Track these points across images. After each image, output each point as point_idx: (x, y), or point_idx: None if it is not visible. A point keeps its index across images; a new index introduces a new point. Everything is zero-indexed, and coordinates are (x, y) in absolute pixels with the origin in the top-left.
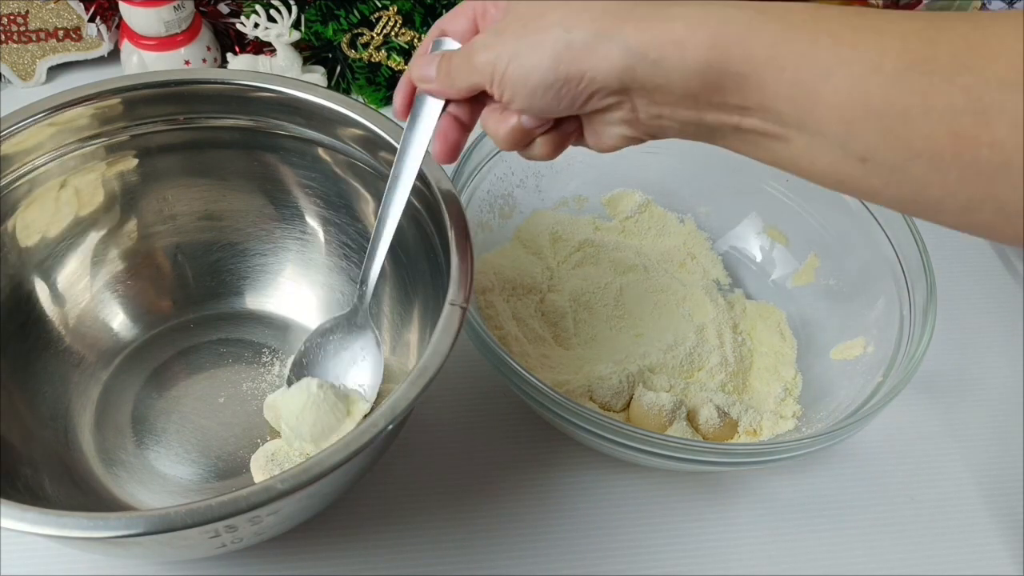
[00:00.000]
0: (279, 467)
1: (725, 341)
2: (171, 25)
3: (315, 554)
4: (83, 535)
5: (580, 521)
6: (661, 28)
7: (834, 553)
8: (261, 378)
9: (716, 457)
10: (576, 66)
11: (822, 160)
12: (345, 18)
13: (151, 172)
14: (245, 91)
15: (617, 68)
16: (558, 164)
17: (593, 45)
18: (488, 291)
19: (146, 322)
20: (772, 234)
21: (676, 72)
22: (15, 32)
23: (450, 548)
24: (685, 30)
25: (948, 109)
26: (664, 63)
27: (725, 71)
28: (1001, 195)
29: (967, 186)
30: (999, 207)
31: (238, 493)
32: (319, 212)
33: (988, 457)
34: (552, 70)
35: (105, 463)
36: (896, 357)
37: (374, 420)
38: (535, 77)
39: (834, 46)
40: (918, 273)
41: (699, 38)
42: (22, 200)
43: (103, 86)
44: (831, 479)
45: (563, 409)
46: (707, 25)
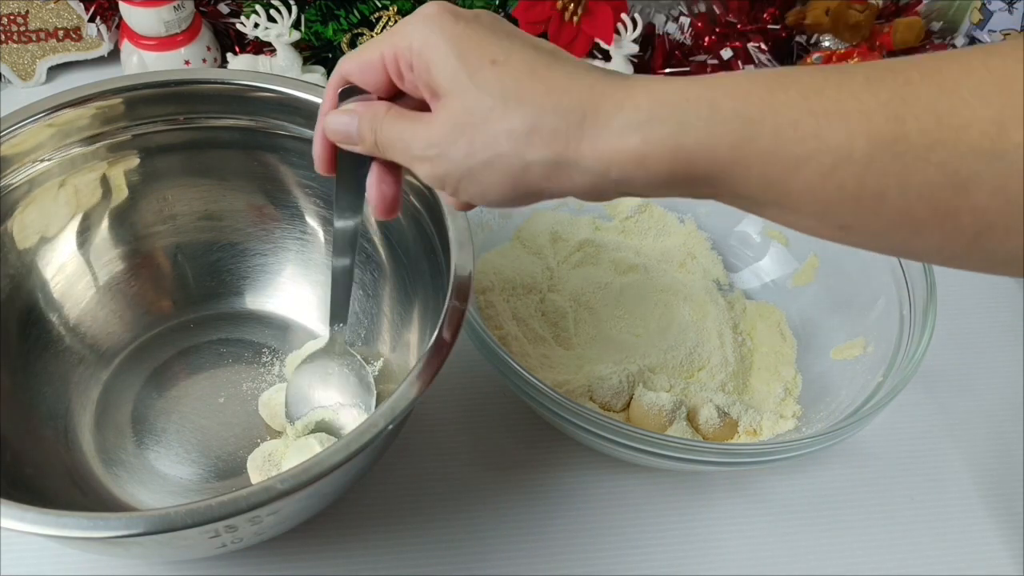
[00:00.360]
0: (276, 467)
1: (725, 341)
2: (171, 25)
3: (315, 554)
4: (83, 535)
5: (580, 521)
6: (618, 145)
7: (834, 553)
8: (261, 378)
9: (716, 457)
10: (537, 186)
11: (801, 225)
12: (345, 18)
13: (151, 172)
14: (245, 91)
15: (581, 188)
16: None
17: (552, 171)
18: (488, 291)
19: (146, 322)
20: (772, 234)
21: (640, 182)
22: (15, 32)
23: (450, 548)
24: (643, 145)
25: (925, 185)
26: (628, 179)
27: (691, 175)
28: (988, 248)
29: (951, 244)
30: (986, 256)
31: (238, 493)
32: (319, 212)
33: (988, 457)
34: (512, 189)
35: (105, 463)
36: (896, 357)
37: (374, 420)
38: (492, 194)
39: (799, 140)
40: (918, 273)
41: (659, 153)
42: (22, 200)
43: (103, 86)
44: (831, 479)
45: (563, 409)
46: (665, 137)
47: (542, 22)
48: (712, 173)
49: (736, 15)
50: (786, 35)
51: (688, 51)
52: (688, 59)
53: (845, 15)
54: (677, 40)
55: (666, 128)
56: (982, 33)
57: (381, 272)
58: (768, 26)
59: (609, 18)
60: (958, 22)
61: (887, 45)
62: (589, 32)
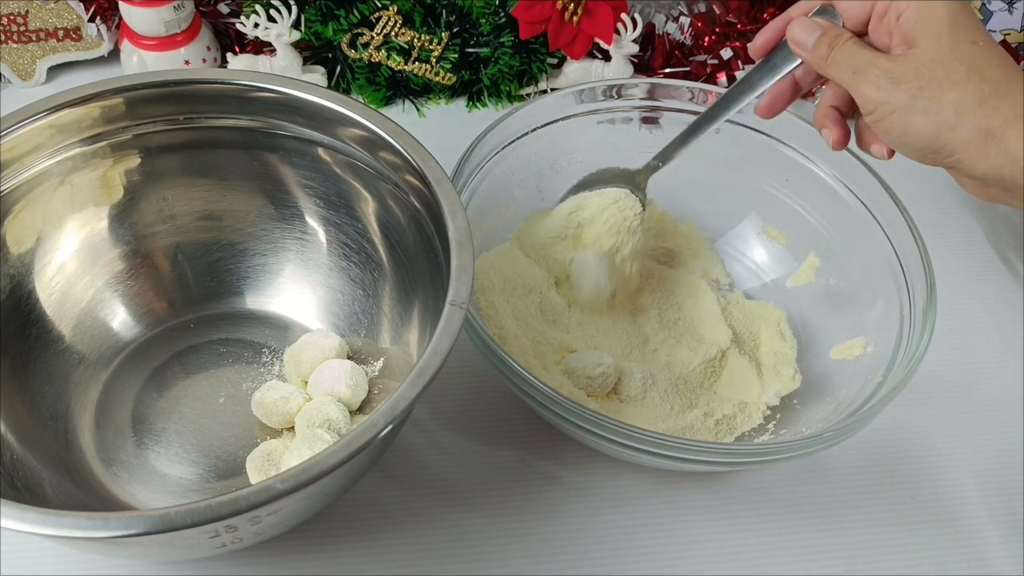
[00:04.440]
0: (275, 467)
1: (724, 340)
2: (171, 25)
3: (315, 554)
4: (83, 535)
5: (580, 521)
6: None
7: (834, 553)
8: (261, 378)
9: (716, 457)
10: (951, 147)
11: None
12: (345, 18)
13: (151, 172)
14: (245, 91)
15: (988, 165)
16: (558, 164)
17: (975, 139)
18: (488, 291)
19: (146, 322)
20: (772, 234)
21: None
22: (15, 32)
23: (450, 548)
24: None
25: None
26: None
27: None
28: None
29: None
30: None
31: (238, 493)
32: (319, 212)
33: (988, 457)
34: (930, 139)
35: (105, 463)
36: (896, 357)
37: (374, 420)
38: (910, 136)
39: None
40: (918, 273)
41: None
42: (21, 200)
43: (103, 86)
44: (831, 479)
45: (563, 409)
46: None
47: (542, 22)
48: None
49: (736, 15)
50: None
51: (688, 51)
52: (688, 59)
53: None
54: (677, 40)
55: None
56: None
57: (381, 272)
58: None
59: (609, 18)
60: None
61: None
62: (589, 32)
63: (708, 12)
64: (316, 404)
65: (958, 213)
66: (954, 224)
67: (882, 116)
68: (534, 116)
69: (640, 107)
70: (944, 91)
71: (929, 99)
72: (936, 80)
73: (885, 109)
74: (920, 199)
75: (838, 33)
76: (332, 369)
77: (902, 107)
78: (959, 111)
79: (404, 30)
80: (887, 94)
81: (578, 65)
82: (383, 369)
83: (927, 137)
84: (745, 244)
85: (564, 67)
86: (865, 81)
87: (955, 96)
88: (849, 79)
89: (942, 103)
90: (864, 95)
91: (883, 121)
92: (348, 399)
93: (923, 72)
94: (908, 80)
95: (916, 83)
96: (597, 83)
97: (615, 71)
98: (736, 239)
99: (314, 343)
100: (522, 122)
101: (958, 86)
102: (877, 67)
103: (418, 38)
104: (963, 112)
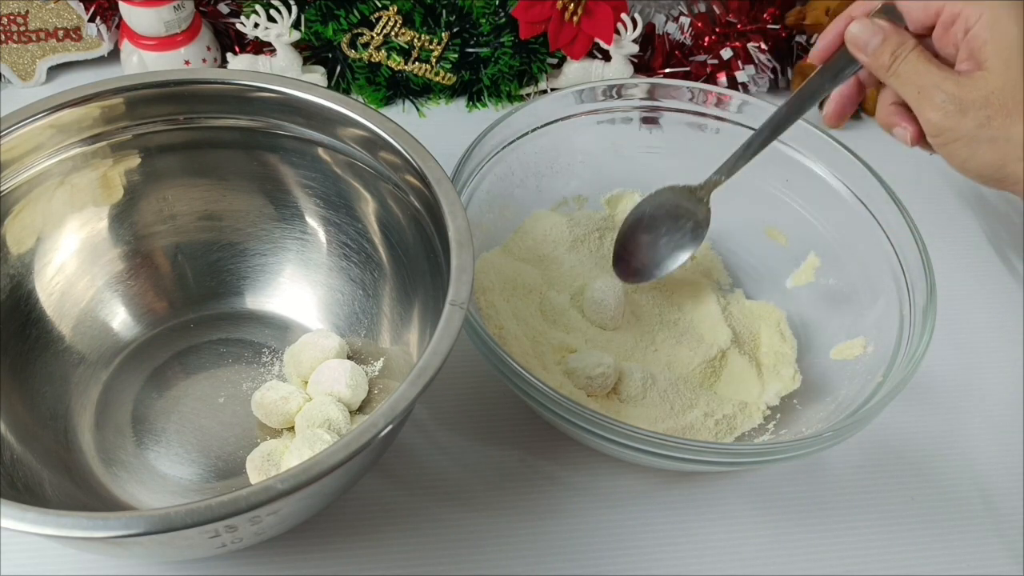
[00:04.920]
0: (275, 467)
1: (723, 340)
2: (171, 25)
3: (315, 554)
4: (83, 535)
5: (580, 521)
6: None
7: (834, 553)
8: (261, 378)
9: (716, 457)
10: (1015, 176)
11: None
12: (345, 18)
13: (151, 172)
14: (245, 91)
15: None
16: (558, 164)
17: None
18: (488, 291)
19: (146, 322)
20: (772, 234)
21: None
22: (15, 32)
23: (449, 548)
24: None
25: None
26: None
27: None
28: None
29: None
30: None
31: (238, 493)
32: (319, 212)
33: (988, 457)
34: (996, 169)
35: (105, 463)
36: (896, 357)
37: (374, 420)
38: (975, 163)
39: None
40: (918, 273)
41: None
42: (21, 200)
43: (103, 86)
44: (831, 479)
45: (563, 409)
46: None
47: (542, 22)
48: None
49: (736, 15)
50: (786, 35)
51: (688, 51)
52: (688, 59)
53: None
54: (677, 40)
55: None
56: None
57: (381, 272)
58: (768, 26)
59: (609, 18)
60: None
61: None
62: (589, 32)
63: (708, 12)
64: (316, 404)
65: (958, 213)
66: (954, 224)
67: (947, 141)
68: (534, 116)
69: (640, 107)
70: (1013, 122)
71: (997, 129)
72: (1005, 110)
73: (950, 135)
74: (920, 199)
75: (902, 40)
76: (332, 369)
77: (968, 136)
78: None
79: (404, 30)
80: (953, 121)
81: (578, 65)
82: (383, 369)
83: (993, 166)
84: (745, 244)
85: (564, 67)
86: (931, 105)
87: (1021, 130)
88: (914, 98)
89: (1010, 134)
90: (929, 120)
91: (948, 146)
92: (348, 399)
93: (992, 101)
94: (976, 108)
95: (984, 112)
96: (597, 83)
97: (615, 71)
98: (736, 239)
99: (314, 343)
100: (522, 122)
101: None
102: (944, 91)
103: (418, 38)
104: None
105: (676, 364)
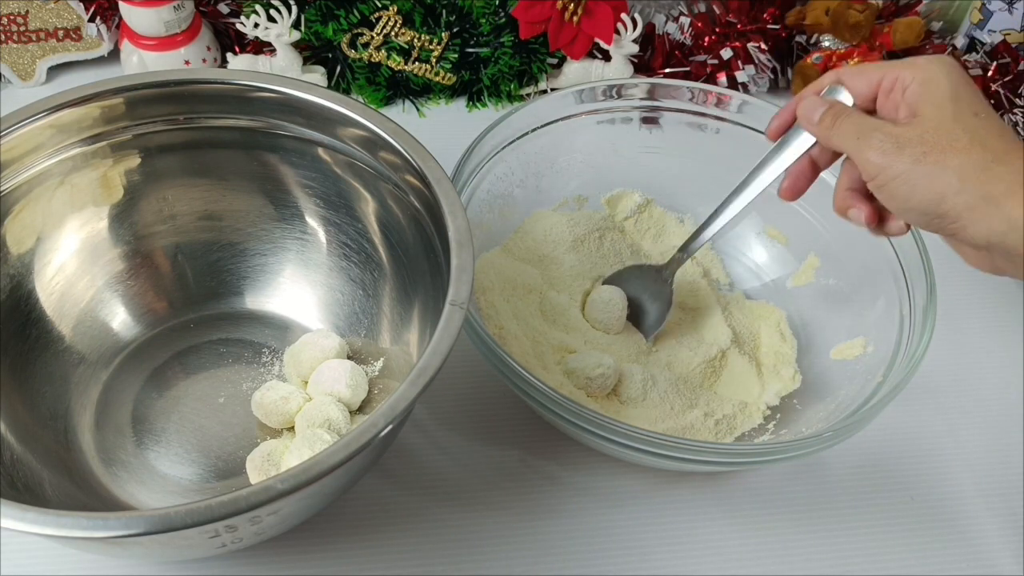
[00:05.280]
0: (276, 467)
1: (724, 340)
2: (171, 25)
3: (315, 554)
4: (83, 535)
5: (580, 521)
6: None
7: (834, 553)
8: (261, 378)
9: (716, 457)
10: (955, 212)
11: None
12: (345, 18)
13: (151, 172)
14: (245, 91)
15: (991, 231)
16: (558, 164)
17: (978, 205)
18: (488, 291)
19: (146, 322)
20: (772, 234)
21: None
22: (15, 32)
23: (449, 548)
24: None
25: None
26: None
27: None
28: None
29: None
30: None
31: (238, 493)
32: (319, 212)
33: (988, 457)
34: (935, 204)
35: (105, 463)
36: (896, 357)
37: (374, 420)
38: (915, 201)
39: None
40: (918, 273)
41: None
42: (21, 200)
43: (103, 86)
44: (831, 479)
45: (563, 409)
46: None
47: (542, 22)
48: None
49: (736, 15)
50: (786, 35)
51: (688, 51)
52: (688, 59)
53: (845, 15)
54: (677, 40)
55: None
56: (982, 33)
57: (381, 272)
58: (768, 26)
59: (609, 18)
60: (958, 22)
61: (887, 45)
62: (589, 32)
63: (708, 12)
64: (316, 404)
65: None
66: None
67: (886, 181)
68: (534, 116)
69: (640, 107)
70: (947, 157)
71: (932, 164)
72: (940, 147)
73: (888, 174)
74: None
75: (844, 107)
76: (332, 369)
77: (905, 172)
78: (962, 176)
79: (404, 30)
80: (890, 159)
81: (578, 65)
82: (383, 369)
83: (931, 201)
84: (745, 244)
85: (564, 67)
86: (869, 146)
87: (958, 162)
88: (853, 145)
89: (946, 168)
90: (868, 160)
91: (887, 186)
92: (348, 399)
93: (927, 139)
94: (912, 145)
95: (920, 148)
96: (597, 83)
97: (615, 71)
98: (736, 239)
99: (314, 343)
100: (522, 122)
101: (961, 153)
102: (881, 132)
103: (418, 38)
104: (966, 178)
105: (676, 364)
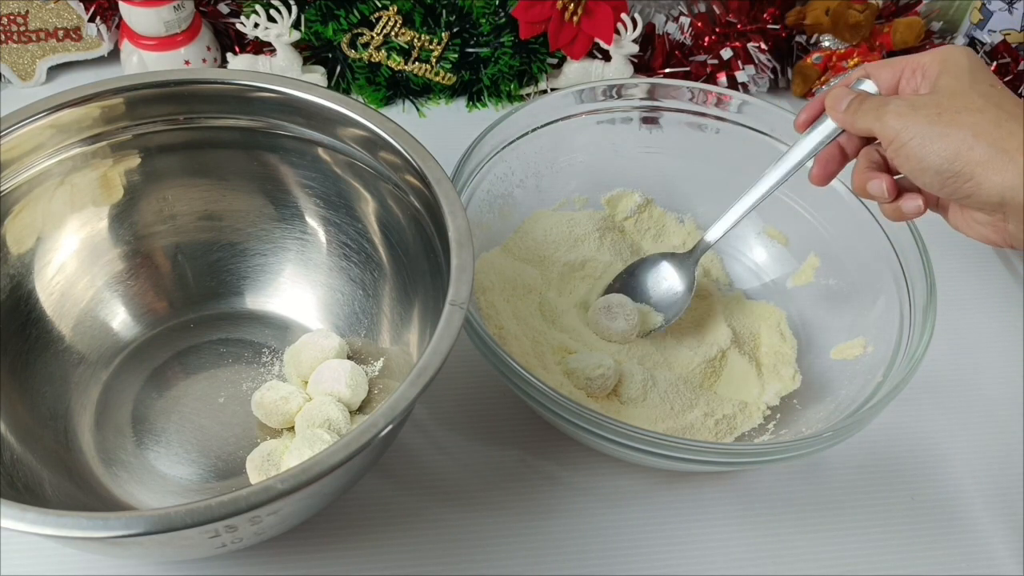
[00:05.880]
0: (276, 467)
1: (724, 340)
2: (171, 25)
3: (315, 554)
4: (83, 535)
5: (580, 521)
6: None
7: (834, 553)
8: (261, 378)
9: (716, 457)
10: (970, 168)
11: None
12: (345, 18)
13: (151, 172)
14: (245, 91)
15: (1005, 185)
16: (558, 164)
17: (992, 158)
18: (488, 291)
19: (146, 322)
20: (772, 234)
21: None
22: (15, 32)
23: (449, 548)
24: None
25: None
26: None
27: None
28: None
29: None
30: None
31: (238, 493)
32: (319, 212)
33: (988, 457)
34: (948, 161)
35: (105, 463)
36: (896, 357)
37: (374, 420)
38: (930, 160)
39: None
40: (918, 273)
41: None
42: (21, 200)
43: (103, 86)
44: (831, 479)
45: (563, 409)
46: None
47: (542, 22)
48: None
49: (736, 15)
50: (786, 35)
51: (688, 51)
52: (688, 59)
53: (845, 15)
54: (677, 40)
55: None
56: (982, 33)
57: (381, 272)
58: (768, 26)
59: (609, 18)
60: (958, 22)
61: (887, 45)
62: (589, 32)
63: (708, 12)
64: (316, 404)
65: None
66: None
67: (903, 142)
68: (534, 116)
69: (640, 107)
70: (962, 115)
71: (947, 123)
72: (955, 107)
73: (905, 135)
74: None
75: (867, 95)
76: (332, 369)
77: (921, 133)
78: (976, 132)
79: (404, 30)
80: (906, 120)
81: (578, 65)
82: (383, 369)
83: (946, 159)
84: (745, 244)
85: (564, 67)
86: (887, 112)
87: (972, 120)
88: (873, 118)
89: (960, 125)
90: (887, 124)
91: (904, 147)
92: (348, 399)
93: (942, 102)
94: (928, 107)
95: (935, 110)
96: (597, 83)
97: (615, 71)
98: (736, 239)
99: (314, 343)
100: (522, 122)
101: (975, 112)
102: (899, 99)
103: (418, 38)
104: (980, 133)
105: (676, 364)
